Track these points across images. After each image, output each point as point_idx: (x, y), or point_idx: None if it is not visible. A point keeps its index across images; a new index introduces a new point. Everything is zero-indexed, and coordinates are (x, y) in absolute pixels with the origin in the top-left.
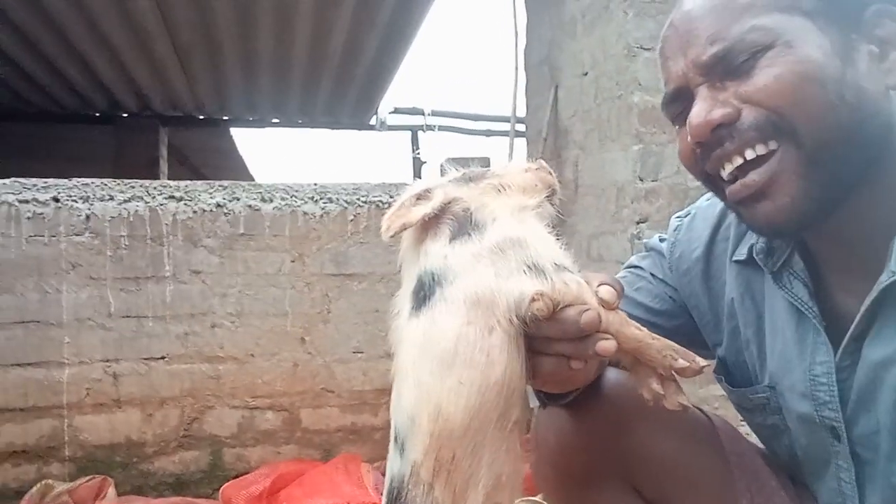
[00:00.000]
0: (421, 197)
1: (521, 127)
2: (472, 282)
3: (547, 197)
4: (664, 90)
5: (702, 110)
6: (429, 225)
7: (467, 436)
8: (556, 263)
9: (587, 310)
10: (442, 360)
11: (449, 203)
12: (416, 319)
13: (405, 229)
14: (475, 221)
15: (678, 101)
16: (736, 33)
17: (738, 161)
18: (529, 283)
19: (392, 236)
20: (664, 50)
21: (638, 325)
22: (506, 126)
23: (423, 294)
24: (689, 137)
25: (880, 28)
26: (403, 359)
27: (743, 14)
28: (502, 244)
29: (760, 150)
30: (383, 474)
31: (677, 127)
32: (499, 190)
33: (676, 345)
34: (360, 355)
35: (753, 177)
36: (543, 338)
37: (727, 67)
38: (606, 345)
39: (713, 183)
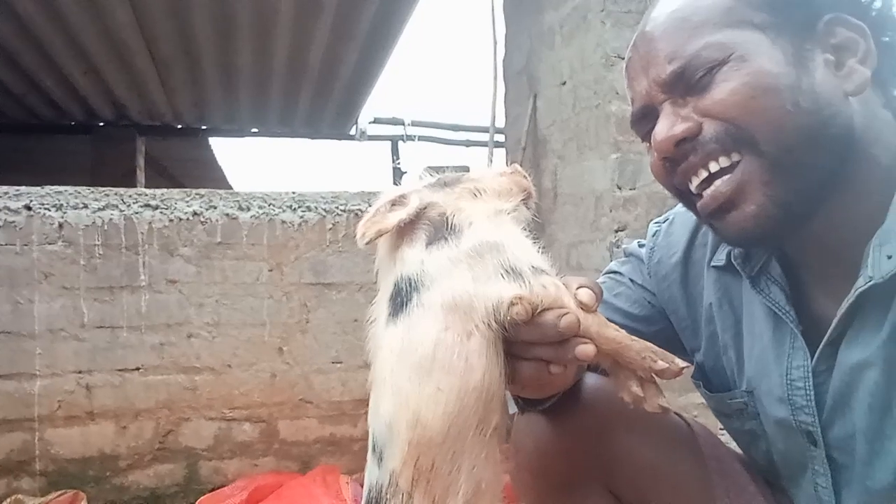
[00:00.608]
0: (396, 203)
1: (500, 137)
2: (450, 287)
3: (523, 201)
4: (631, 109)
5: (664, 126)
6: (405, 231)
7: (446, 443)
8: (533, 266)
9: (566, 313)
10: (420, 367)
11: (425, 208)
12: (393, 326)
13: (381, 236)
14: (451, 226)
15: (645, 119)
16: (691, 51)
17: (704, 174)
18: (507, 287)
19: (367, 243)
20: (628, 71)
21: (617, 327)
22: (485, 136)
23: (400, 300)
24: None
25: (834, 36)
26: (381, 366)
27: (697, 32)
28: (479, 248)
29: (724, 161)
30: (362, 486)
31: (647, 144)
32: (474, 194)
33: (656, 346)
34: (338, 365)
35: (721, 188)
36: (522, 342)
37: (687, 84)
38: (586, 349)
39: (685, 197)
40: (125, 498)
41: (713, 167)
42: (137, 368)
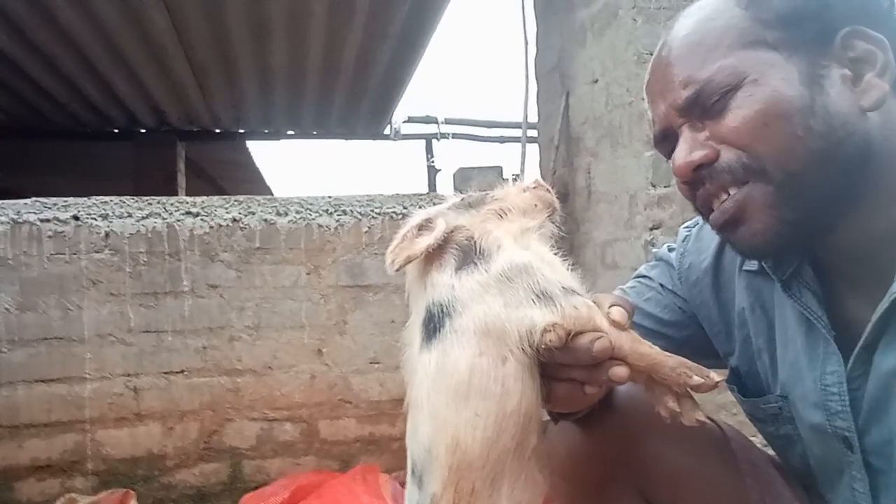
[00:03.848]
0: (423, 227)
1: (533, 133)
2: (482, 312)
3: (548, 216)
4: (653, 130)
5: (682, 151)
6: (433, 255)
7: (486, 467)
8: (564, 287)
9: (599, 337)
10: (457, 392)
11: (452, 232)
12: (427, 352)
13: (410, 262)
14: (480, 249)
15: (666, 141)
16: (705, 76)
17: (724, 196)
18: (540, 313)
19: (397, 270)
20: (648, 93)
21: (650, 344)
22: (519, 132)
23: (433, 326)
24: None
25: (852, 50)
26: (417, 391)
27: (710, 55)
28: (509, 272)
29: (740, 186)
30: (401, 484)
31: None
32: (500, 215)
33: (690, 361)
34: (376, 366)
35: (726, 205)
36: (556, 364)
37: (702, 108)
38: (619, 371)
39: (707, 216)
40: (173, 496)
41: (732, 191)
42: (182, 371)
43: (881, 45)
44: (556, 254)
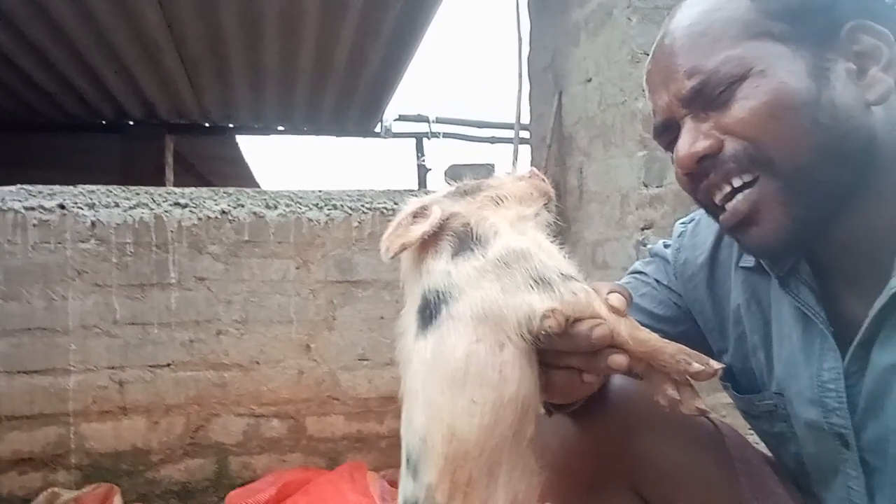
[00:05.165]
0: (418, 214)
1: (525, 134)
2: (479, 298)
3: (544, 205)
4: (654, 121)
5: (686, 143)
6: (428, 243)
7: (483, 456)
8: (562, 273)
9: (599, 324)
10: (453, 380)
11: (447, 219)
12: (423, 339)
13: (405, 249)
14: (476, 236)
15: (667, 132)
16: (711, 66)
17: (727, 188)
18: (538, 299)
19: (392, 257)
20: (649, 83)
21: (648, 331)
22: (510, 133)
23: (429, 312)
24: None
25: (857, 44)
26: (412, 380)
27: (716, 46)
28: (506, 258)
29: (746, 178)
30: (389, 482)
31: (671, 154)
32: (496, 202)
33: (689, 349)
34: (365, 363)
35: (738, 206)
36: (554, 351)
37: (707, 99)
38: (618, 359)
39: (709, 209)
40: (157, 492)
41: (736, 182)
42: (168, 364)
43: (886, 39)
44: (553, 242)
